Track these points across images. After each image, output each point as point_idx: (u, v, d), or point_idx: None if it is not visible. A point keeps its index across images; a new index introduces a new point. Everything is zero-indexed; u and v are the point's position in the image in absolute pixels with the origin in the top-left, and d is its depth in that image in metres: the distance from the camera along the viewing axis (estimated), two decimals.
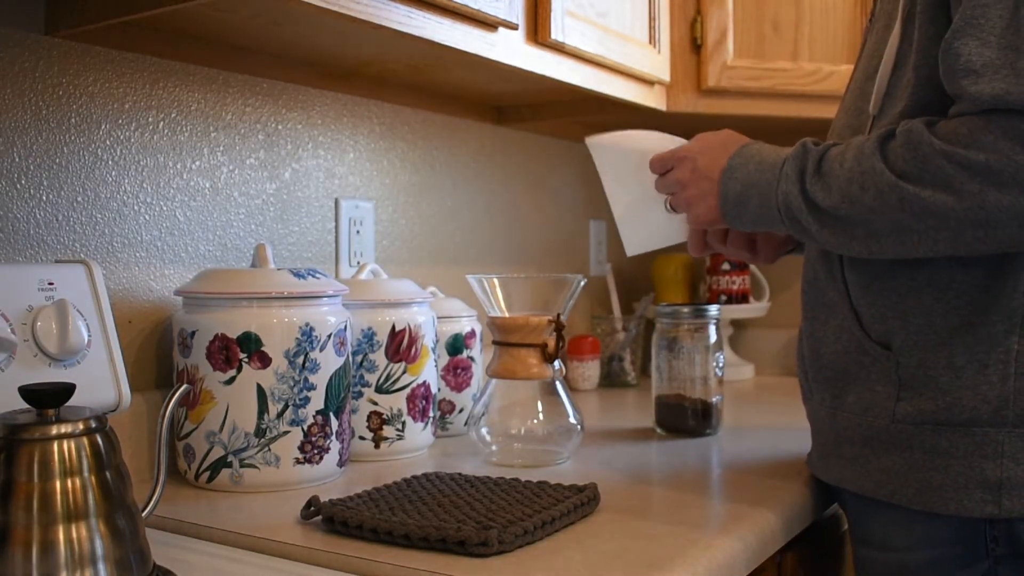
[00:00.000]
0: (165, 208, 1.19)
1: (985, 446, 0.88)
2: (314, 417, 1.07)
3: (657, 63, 1.62)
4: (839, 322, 0.99)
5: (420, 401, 1.24)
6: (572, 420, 1.21)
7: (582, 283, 1.22)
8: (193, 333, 1.06)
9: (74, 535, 0.66)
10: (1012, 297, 0.87)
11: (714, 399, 1.39)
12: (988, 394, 0.88)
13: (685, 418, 1.39)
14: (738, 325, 2.14)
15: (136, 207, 1.16)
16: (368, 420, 1.21)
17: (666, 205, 1.11)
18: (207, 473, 1.06)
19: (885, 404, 0.94)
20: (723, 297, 2.04)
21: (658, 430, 1.41)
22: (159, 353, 1.18)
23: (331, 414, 1.09)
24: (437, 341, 1.31)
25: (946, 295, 0.91)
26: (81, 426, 0.68)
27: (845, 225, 0.91)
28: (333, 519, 0.88)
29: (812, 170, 0.93)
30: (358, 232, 1.47)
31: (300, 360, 1.06)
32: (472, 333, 1.39)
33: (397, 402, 1.22)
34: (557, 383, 1.21)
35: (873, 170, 0.88)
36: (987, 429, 0.88)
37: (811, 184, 0.93)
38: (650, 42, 1.60)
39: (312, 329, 1.07)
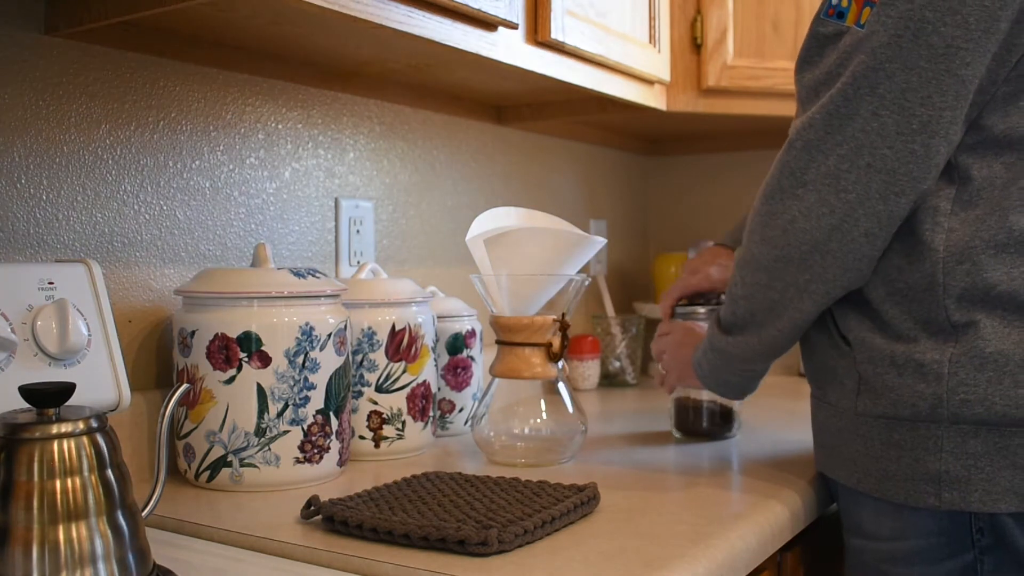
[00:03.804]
0: (165, 207, 1.19)
1: (927, 440, 0.92)
2: (314, 416, 1.07)
3: (657, 62, 1.62)
4: (821, 319, 1.04)
5: (420, 400, 1.24)
6: (575, 420, 1.21)
7: (586, 283, 1.22)
8: (193, 332, 1.06)
9: (74, 535, 0.66)
10: (937, 311, 0.92)
11: (736, 401, 1.36)
12: (924, 392, 0.92)
13: (702, 421, 1.36)
14: None
15: (136, 206, 1.16)
16: (368, 419, 1.21)
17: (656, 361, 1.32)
18: (207, 473, 1.06)
19: (850, 397, 0.99)
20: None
21: (676, 434, 1.38)
22: (159, 353, 1.18)
23: (331, 413, 1.09)
24: (437, 340, 1.31)
25: (877, 298, 0.97)
26: (81, 425, 0.68)
27: (747, 320, 1.05)
28: (333, 518, 0.88)
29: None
30: (358, 232, 1.47)
31: (300, 359, 1.06)
32: (472, 333, 1.39)
33: (397, 401, 1.22)
34: (560, 383, 1.21)
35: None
36: (928, 424, 0.92)
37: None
38: (650, 41, 1.60)
39: (312, 328, 1.07)
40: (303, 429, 1.07)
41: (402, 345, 1.22)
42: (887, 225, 0.92)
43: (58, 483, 0.66)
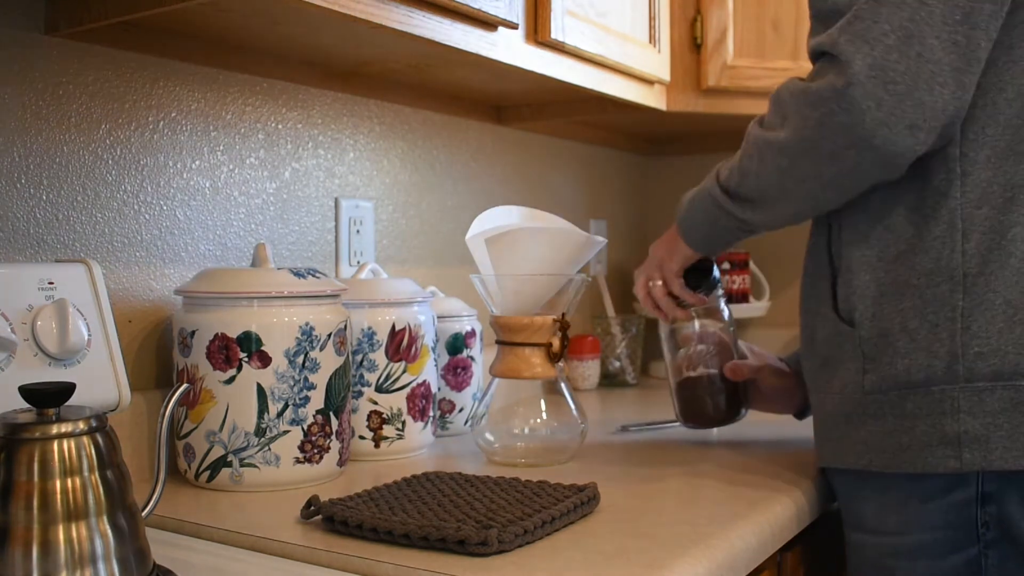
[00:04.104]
0: (165, 207, 1.19)
1: (943, 403, 0.92)
2: (314, 416, 1.07)
3: (657, 63, 1.62)
4: (824, 311, 1.03)
5: (420, 400, 1.24)
6: (575, 419, 1.21)
7: (586, 282, 1.22)
8: (193, 332, 1.06)
9: (74, 535, 0.66)
10: (951, 258, 0.92)
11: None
12: (939, 351, 0.92)
13: (710, 405, 1.28)
14: (738, 325, 2.13)
15: (136, 206, 1.16)
16: (368, 419, 1.21)
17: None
18: (207, 473, 1.06)
19: (855, 379, 0.98)
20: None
21: (682, 424, 1.31)
22: (159, 352, 1.18)
23: (331, 413, 1.09)
24: (437, 340, 1.31)
25: (883, 262, 0.96)
26: (81, 425, 0.68)
27: (755, 197, 1.03)
28: (333, 518, 0.88)
29: (726, 162, 1.08)
30: (358, 232, 1.47)
31: (300, 359, 1.06)
32: (472, 333, 1.39)
33: (397, 401, 1.22)
34: (560, 383, 1.21)
35: (749, 135, 1.03)
36: (943, 386, 0.92)
37: (722, 170, 1.08)
38: (650, 42, 1.60)
39: (312, 328, 1.07)
40: (303, 429, 1.07)
41: (402, 345, 1.22)
42: (930, 118, 0.89)
43: (58, 483, 0.66)
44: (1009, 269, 0.90)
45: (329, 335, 1.09)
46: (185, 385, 0.84)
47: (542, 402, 1.22)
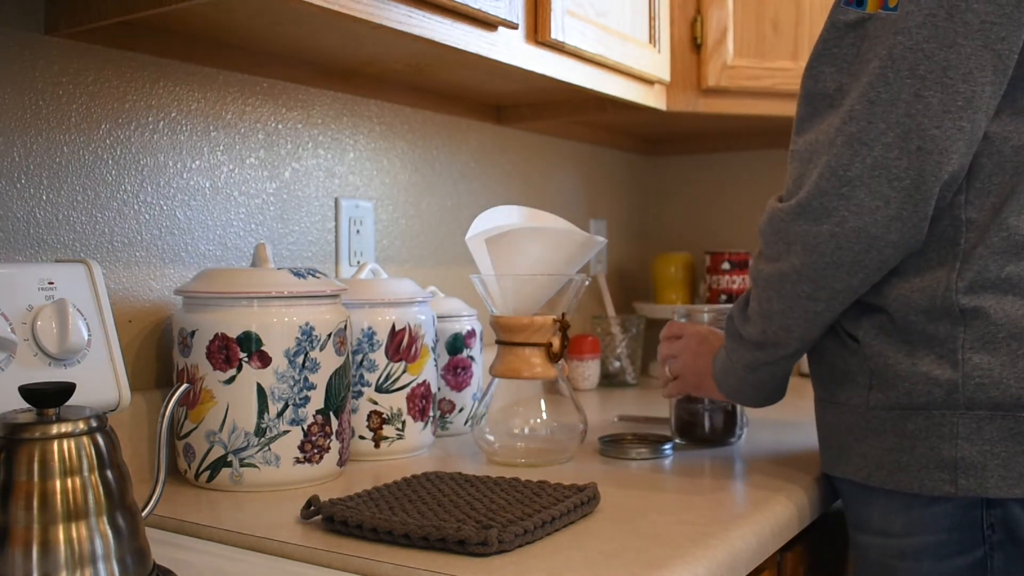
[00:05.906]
0: (165, 207, 1.19)
1: (942, 427, 0.93)
2: (314, 416, 1.07)
3: (657, 62, 1.62)
4: (833, 327, 1.03)
5: (420, 400, 1.24)
6: (575, 419, 1.21)
7: (586, 283, 1.22)
8: (193, 332, 1.06)
9: (74, 535, 0.66)
10: (946, 296, 0.92)
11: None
12: (940, 378, 0.92)
13: (705, 427, 1.31)
14: None
15: (136, 206, 1.16)
16: (368, 419, 1.21)
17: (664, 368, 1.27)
18: (207, 473, 1.06)
19: (861, 393, 0.99)
20: (723, 297, 2.04)
21: (678, 440, 1.32)
22: (159, 352, 1.18)
23: (331, 413, 1.09)
24: (437, 340, 1.31)
25: (886, 301, 0.96)
26: (81, 425, 0.68)
27: (782, 337, 1.02)
28: (333, 519, 0.88)
29: (731, 322, 1.08)
30: (358, 232, 1.47)
31: (300, 359, 1.06)
32: (472, 333, 1.39)
33: (397, 401, 1.22)
34: (560, 382, 1.21)
35: (757, 276, 1.01)
36: (943, 411, 0.93)
37: (737, 325, 1.07)
38: (650, 41, 1.60)
39: (312, 328, 1.07)
40: (303, 429, 1.07)
41: (402, 345, 1.22)
42: (940, 200, 0.91)
43: (58, 483, 0.66)
44: (1009, 303, 0.91)
45: (329, 335, 1.09)
46: (185, 385, 0.84)
47: (542, 402, 1.22)
